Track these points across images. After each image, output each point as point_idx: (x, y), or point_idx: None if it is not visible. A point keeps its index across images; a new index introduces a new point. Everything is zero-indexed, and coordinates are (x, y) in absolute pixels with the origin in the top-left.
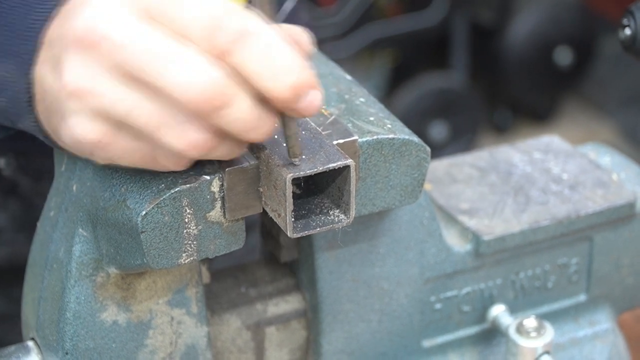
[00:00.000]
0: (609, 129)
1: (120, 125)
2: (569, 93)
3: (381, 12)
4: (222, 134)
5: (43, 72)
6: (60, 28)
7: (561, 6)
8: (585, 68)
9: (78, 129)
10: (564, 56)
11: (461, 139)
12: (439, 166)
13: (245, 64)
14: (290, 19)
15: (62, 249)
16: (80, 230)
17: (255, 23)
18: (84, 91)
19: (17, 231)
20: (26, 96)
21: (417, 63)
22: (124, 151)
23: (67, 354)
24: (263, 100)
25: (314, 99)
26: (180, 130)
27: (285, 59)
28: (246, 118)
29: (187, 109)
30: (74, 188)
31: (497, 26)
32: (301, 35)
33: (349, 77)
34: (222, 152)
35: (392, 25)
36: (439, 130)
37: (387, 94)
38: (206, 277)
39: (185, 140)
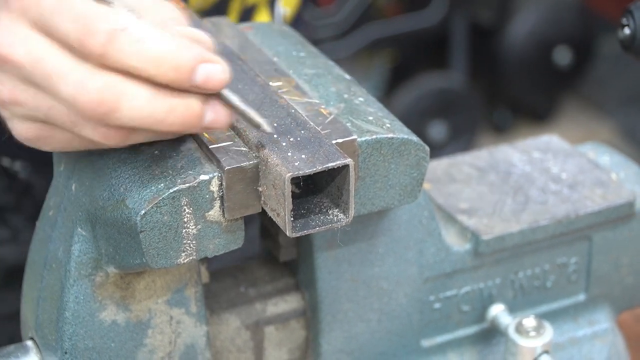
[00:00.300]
0: (608, 128)
1: (49, 123)
2: (568, 93)
3: (380, 12)
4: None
5: None
6: None
7: (560, 6)
8: (585, 68)
9: (17, 130)
10: (563, 56)
11: (460, 139)
12: (438, 166)
13: (123, 62)
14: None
15: (61, 248)
16: (79, 229)
17: (123, 19)
18: (8, 102)
19: (32, 231)
20: None
21: (417, 63)
22: (62, 141)
23: (66, 353)
24: (166, 90)
25: (208, 71)
26: (92, 127)
27: (158, 45)
28: (143, 113)
29: (84, 115)
30: (73, 187)
31: (496, 26)
32: (201, 35)
33: (348, 76)
34: (145, 137)
35: (391, 25)
36: (438, 130)
37: (386, 94)
38: (205, 276)
39: (99, 134)
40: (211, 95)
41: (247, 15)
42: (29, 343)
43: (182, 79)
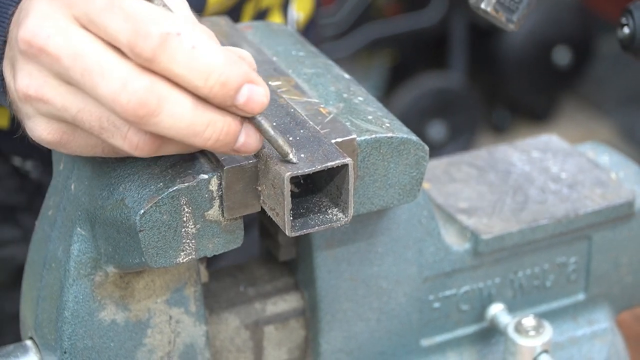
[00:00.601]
0: (608, 128)
1: (75, 125)
2: (567, 93)
3: (380, 12)
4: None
5: (5, 70)
6: (12, 33)
7: (560, 6)
8: (584, 68)
9: (36, 131)
10: (562, 56)
11: (460, 139)
12: (438, 165)
13: (171, 68)
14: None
15: (61, 248)
16: (79, 229)
17: (178, 24)
18: (35, 98)
19: None
20: (1, 86)
21: (416, 63)
22: (84, 146)
23: (65, 353)
24: (206, 104)
25: (252, 93)
26: (122, 133)
27: (211, 56)
28: (182, 123)
29: (121, 117)
30: (72, 187)
31: (495, 26)
32: (245, 54)
33: (347, 75)
34: (174, 150)
35: (391, 25)
36: (437, 130)
37: (386, 94)
38: (205, 276)
39: (128, 142)
40: (245, 117)
41: (260, 18)
42: (28, 343)
43: (227, 95)
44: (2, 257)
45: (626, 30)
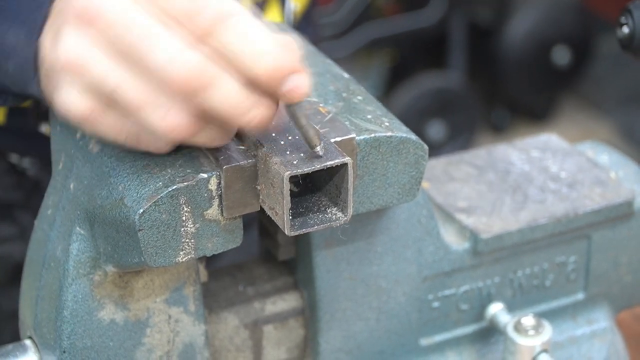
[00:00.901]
0: (607, 128)
1: (109, 102)
2: (566, 92)
3: (379, 12)
4: (207, 118)
5: (45, 41)
6: (63, 1)
7: (559, 6)
8: (583, 67)
9: (68, 102)
10: (561, 55)
11: (459, 139)
12: (437, 164)
13: (226, 45)
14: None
15: (60, 247)
16: (78, 228)
17: (234, 7)
18: (76, 65)
19: None
20: (33, 63)
21: (415, 62)
22: (110, 128)
23: (64, 352)
24: (253, 85)
25: (298, 82)
26: (164, 110)
27: (265, 40)
28: (231, 101)
29: (171, 88)
30: (71, 186)
31: (494, 26)
32: (294, 43)
33: (346, 75)
34: (206, 137)
35: (390, 24)
36: (436, 129)
37: (385, 94)
38: (204, 275)
39: (167, 121)
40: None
41: (258, 9)
42: (28, 342)
43: (275, 81)
44: None
45: (625, 29)
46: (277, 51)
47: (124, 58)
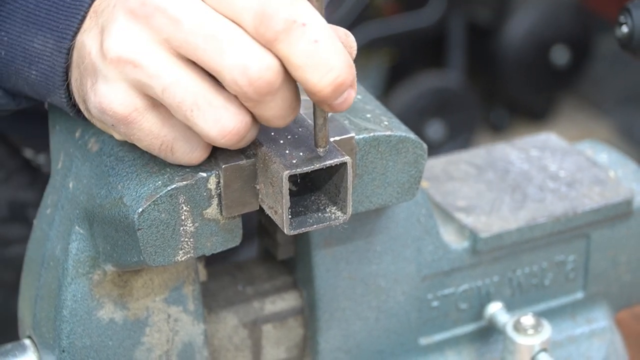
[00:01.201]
0: (606, 127)
1: (154, 103)
2: (565, 92)
3: (378, 12)
4: (254, 122)
5: (84, 39)
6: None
7: (558, 5)
8: (582, 67)
9: (108, 99)
10: (560, 55)
11: (458, 138)
12: (436, 164)
13: (291, 55)
14: None
15: (59, 246)
16: (77, 227)
17: (306, 14)
18: (127, 60)
19: None
20: (62, 69)
21: (414, 62)
22: (147, 132)
23: (63, 351)
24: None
25: (349, 96)
26: (216, 113)
27: (331, 55)
28: (285, 107)
29: (239, 92)
30: (70, 185)
31: (493, 25)
32: (347, 36)
33: None
34: (245, 143)
35: (389, 24)
36: (435, 129)
37: (384, 93)
38: (203, 275)
39: (219, 124)
40: None
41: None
42: (27, 342)
43: (334, 96)
44: (10, 256)
45: (624, 29)
46: (342, 67)
47: (179, 56)
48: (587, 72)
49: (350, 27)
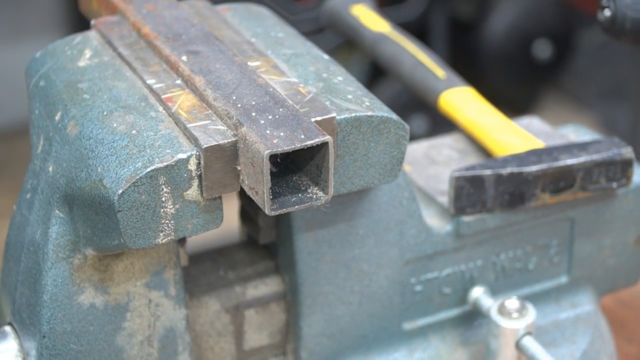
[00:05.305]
0: (589, 121)
1: None
2: (548, 86)
3: None
4: None
5: None
6: None
7: (539, 0)
8: (565, 61)
9: None
10: (543, 49)
11: (441, 133)
12: (418, 148)
13: None
14: None
15: (39, 231)
16: (57, 211)
17: None
18: None
19: None
20: None
21: None
22: None
23: (44, 337)
24: None
25: None
26: None
27: None
28: None
29: None
30: (50, 169)
31: (475, 20)
32: None
33: (326, 56)
34: None
35: None
36: (418, 124)
37: (367, 88)
38: (184, 259)
39: None
40: None
41: None
42: (7, 328)
43: None
44: None
45: (607, 12)
46: None
47: None
48: (570, 66)
49: None
